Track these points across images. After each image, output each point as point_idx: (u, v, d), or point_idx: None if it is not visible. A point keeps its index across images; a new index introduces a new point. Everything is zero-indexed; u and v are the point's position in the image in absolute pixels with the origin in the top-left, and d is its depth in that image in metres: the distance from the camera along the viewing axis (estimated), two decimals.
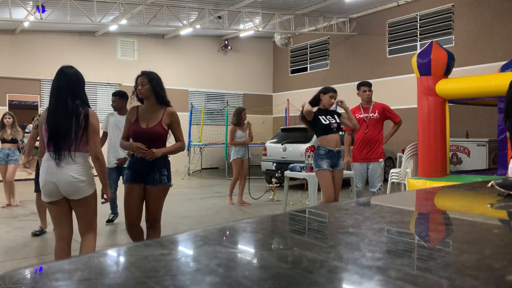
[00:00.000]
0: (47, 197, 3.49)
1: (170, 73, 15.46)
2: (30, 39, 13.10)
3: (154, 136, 3.91)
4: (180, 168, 15.26)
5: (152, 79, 3.98)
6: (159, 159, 3.88)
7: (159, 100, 4.00)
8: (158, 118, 3.96)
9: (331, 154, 5.39)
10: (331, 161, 5.41)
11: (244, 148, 8.23)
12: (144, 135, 3.91)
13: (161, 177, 3.92)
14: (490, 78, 7.01)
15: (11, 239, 5.67)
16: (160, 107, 4.00)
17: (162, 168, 3.94)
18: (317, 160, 5.46)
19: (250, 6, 12.36)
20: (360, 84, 6.50)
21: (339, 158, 5.50)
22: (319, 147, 5.48)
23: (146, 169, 3.92)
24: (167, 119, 3.98)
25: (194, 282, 0.76)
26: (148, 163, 3.88)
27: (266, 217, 1.71)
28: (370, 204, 1.60)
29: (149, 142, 3.89)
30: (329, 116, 5.47)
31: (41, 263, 0.74)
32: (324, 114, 5.46)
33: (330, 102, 5.50)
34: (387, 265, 0.85)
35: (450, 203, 1.71)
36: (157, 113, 3.97)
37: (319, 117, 5.39)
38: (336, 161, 5.45)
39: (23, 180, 12.83)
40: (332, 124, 5.41)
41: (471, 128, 10.83)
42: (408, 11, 12.68)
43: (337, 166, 5.46)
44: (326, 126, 5.38)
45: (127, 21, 12.30)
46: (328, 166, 5.39)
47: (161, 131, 3.93)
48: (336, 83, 14.72)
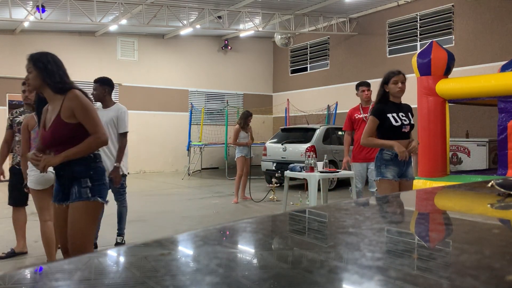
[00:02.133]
0: (41, 185, 3.57)
1: (170, 73, 15.48)
2: (30, 39, 13.10)
3: (54, 138, 2.91)
4: (180, 168, 15.27)
5: (38, 62, 2.90)
6: (76, 166, 2.90)
7: (52, 86, 2.90)
8: (56, 112, 2.91)
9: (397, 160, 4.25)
10: (398, 169, 4.28)
11: (248, 148, 8.54)
12: (46, 140, 2.96)
13: (80, 190, 2.92)
14: (490, 78, 7.01)
15: (11, 239, 5.66)
16: (59, 97, 2.91)
17: (82, 178, 2.93)
18: (380, 167, 4.30)
19: (250, 6, 12.36)
20: (358, 84, 6.47)
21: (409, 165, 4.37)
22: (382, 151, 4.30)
23: (67, 182, 2.97)
24: (67, 108, 2.87)
25: (194, 282, 0.76)
26: (67, 175, 2.95)
27: (266, 217, 1.71)
28: (370, 204, 1.60)
29: (54, 146, 2.94)
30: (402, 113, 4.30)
31: (41, 263, 0.74)
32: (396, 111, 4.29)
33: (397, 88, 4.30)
34: (387, 265, 0.85)
35: (450, 203, 1.71)
36: (57, 106, 2.92)
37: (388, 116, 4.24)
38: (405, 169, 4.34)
39: None
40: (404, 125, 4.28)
41: (471, 128, 10.83)
42: (408, 11, 12.68)
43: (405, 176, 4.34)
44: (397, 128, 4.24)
45: (127, 21, 12.30)
46: (395, 175, 4.26)
47: (60, 128, 2.88)
48: (336, 83, 14.75)
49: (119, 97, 14.42)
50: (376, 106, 4.33)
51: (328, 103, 14.63)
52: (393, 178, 4.19)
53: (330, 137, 10.60)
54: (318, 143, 10.08)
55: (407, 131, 4.23)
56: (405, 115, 4.24)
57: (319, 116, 14.80)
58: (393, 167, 4.19)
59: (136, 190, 10.67)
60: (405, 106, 4.37)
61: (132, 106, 14.71)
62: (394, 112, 4.20)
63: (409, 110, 4.34)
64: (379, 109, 4.26)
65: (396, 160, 4.16)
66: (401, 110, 4.25)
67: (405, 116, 4.24)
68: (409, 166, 4.28)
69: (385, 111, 4.21)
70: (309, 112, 15.09)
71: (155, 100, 15.10)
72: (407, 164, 4.25)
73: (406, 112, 4.28)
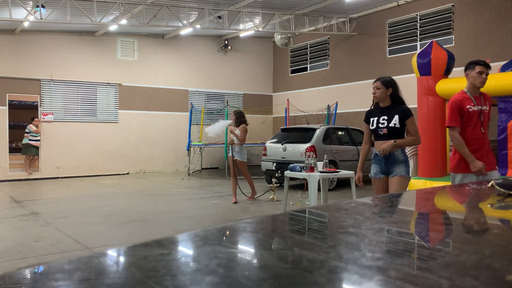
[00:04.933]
0: None
1: (170, 73, 15.48)
2: (30, 39, 13.10)
3: None
4: (180, 168, 15.27)
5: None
6: None
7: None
8: None
9: None
10: (379, 166, 4.55)
11: (231, 147, 8.58)
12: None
13: None
14: (490, 78, 6.99)
15: (11, 239, 5.67)
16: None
17: None
18: None
19: (250, 6, 12.36)
20: (473, 63, 4.38)
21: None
22: None
23: None
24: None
25: (194, 282, 0.76)
26: None
27: (266, 217, 1.71)
28: (370, 204, 1.60)
29: None
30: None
31: (41, 263, 0.74)
32: None
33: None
34: (387, 265, 0.85)
35: (450, 203, 1.71)
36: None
37: None
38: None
39: (23, 180, 12.88)
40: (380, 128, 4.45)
41: None
42: (408, 11, 12.68)
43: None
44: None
45: (127, 21, 12.30)
46: (377, 172, 4.54)
47: None
48: (336, 83, 14.75)
49: (119, 97, 14.43)
50: (367, 111, 4.66)
51: (328, 103, 14.64)
52: (375, 175, 4.49)
53: (330, 137, 10.60)
54: (318, 143, 10.08)
55: (382, 133, 4.40)
56: (387, 118, 4.38)
57: (319, 116, 14.80)
58: (375, 165, 4.51)
59: (136, 190, 10.67)
60: (399, 108, 4.42)
61: (132, 106, 14.72)
62: (376, 116, 4.46)
63: (400, 112, 4.38)
64: (366, 114, 4.63)
65: (376, 159, 4.49)
66: (386, 114, 4.42)
67: (387, 119, 4.38)
68: (392, 164, 4.38)
69: (370, 115, 4.55)
70: (309, 112, 15.09)
71: (155, 100, 15.11)
72: (388, 162, 4.39)
73: (393, 115, 4.38)
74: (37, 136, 13.11)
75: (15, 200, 9.10)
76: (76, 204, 8.53)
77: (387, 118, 4.39)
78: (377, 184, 4.48)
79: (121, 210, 7.80)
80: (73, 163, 13.64)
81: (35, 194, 10.33)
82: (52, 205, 8.37)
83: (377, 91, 4.45)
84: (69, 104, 13.74)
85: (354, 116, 13.68)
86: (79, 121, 13.86)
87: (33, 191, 10.83)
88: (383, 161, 4.42)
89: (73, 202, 8.83)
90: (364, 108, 12.93)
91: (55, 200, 9.24)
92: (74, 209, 7.91)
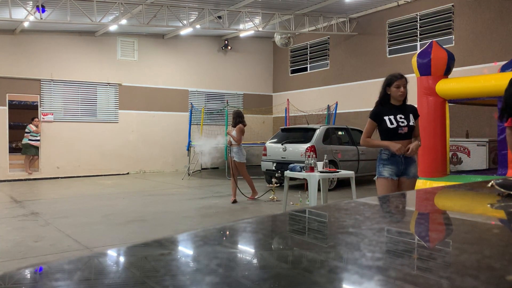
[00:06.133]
0: None
1: (170, 73, 15.48)
2: (30, 39, 13.10)
3: None
4: (180, 168, 15.27)
5: None
6: None
7: None
8: None
9: None
10: (396, 167, 4.35)
11: (230, 148, 8.67)
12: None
13: None
14: (490, 78, 7.01)
15: (11, 239, 5.67)
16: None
17: None
18: (378, 166, 4.46)
19: (250, 6, 12.36)
20: None
21: None
22: None
23: None
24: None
25: (194, 282, 0.76)
26: None
27: (266, 217, 1.71)
28: (370, 204, 1.60)
29: None
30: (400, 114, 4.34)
31: (41, 263, 0.74)
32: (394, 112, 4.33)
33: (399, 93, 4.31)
34: (387, 265, 0.85)
35: (450, 203, 1.71)
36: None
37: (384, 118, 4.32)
38: None
39: (23, 180, 12.88)
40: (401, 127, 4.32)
41: (471, 128, 10.83)
42: (408, 11, 12.68)
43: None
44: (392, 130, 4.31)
45: (127, 21, 12.29)
46: (392, 174, 4.34)
47: None
48: (336, 83, 14.75)
49: (119, 97, 14.43)
50: (374, 109, 4.40)
51: (328, 103, 14.64)
52: (390, 177, 4.26)
53: (330, 137, 10.60)
54: (318, 143, 10.08)
55: (403, 132, 4.25)
56: (404, 117, 4.27)
57: (319, 116, 14.80)
58: (390, 166, 4.27)
59: (136, 190, 10.67)
60: (409, 107, 4.38)
61: (132, 106, 14.72)
62: (391, 115, 4.26)
63: (412, 111, 4.34)
64: (375, 112, 4.36)
65: (393, 159, 4.25)
66: (401, 112, 4.28)
67: (404, 117, 4.26)
68: (410, 165, 4.30)
69: (382, 113, 4.30)
70: (309, 112, 15.09)
71: (155, 100, 15.11)
72: (407, 163, 4.27)
73: (407, 113, 4.30)
74: (37, 136, 13.11)
75: (15, 200, 9.10)
76: (76, 204, 8.53)
77: (404, 116, 4.28)
78: (389, 186, 4.27)
79: (121, 210, 7.80)
80: (73, 163, 13.64)
81: (35, 194, 10.33)
82: (52, 205, 8.37)
83: (404, 89, 4.29)
84: (69, 104, 13.74)
85: (354, 116, 13.68)
86: (79, 121, 13.86)
87: (33, 191, 10.83)
88: (402, 162, 4.26)
89: (73, 202, 8.83)
90: (364, 108, 12.98)
91: (55, 200, 9.24)
92: (74, 209, 7.91)
